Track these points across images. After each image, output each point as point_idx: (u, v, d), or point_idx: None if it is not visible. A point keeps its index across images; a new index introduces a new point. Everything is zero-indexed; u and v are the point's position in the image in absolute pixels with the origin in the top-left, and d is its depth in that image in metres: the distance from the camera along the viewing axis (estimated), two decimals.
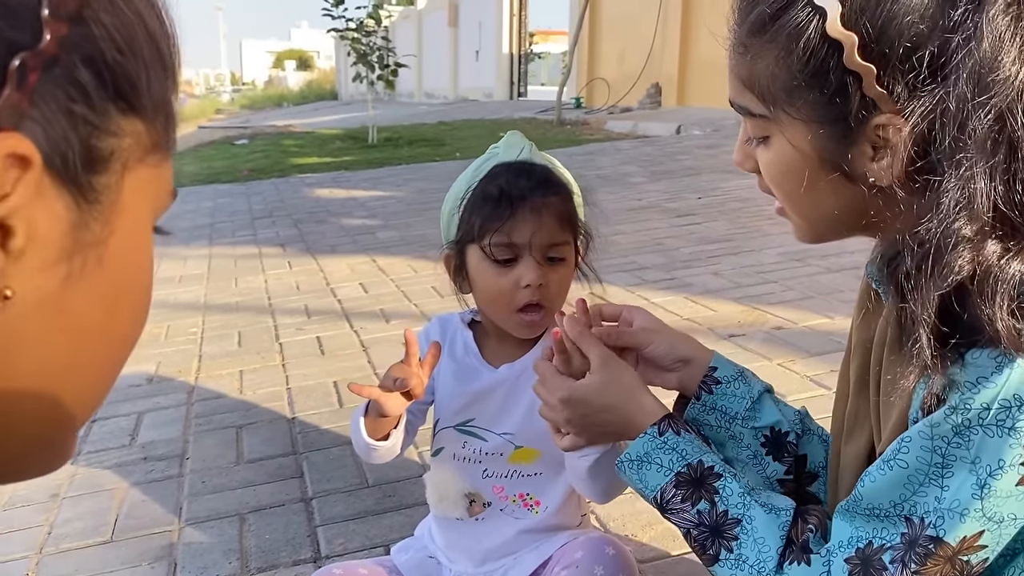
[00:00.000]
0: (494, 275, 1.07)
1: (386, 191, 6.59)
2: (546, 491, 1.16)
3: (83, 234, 0.35)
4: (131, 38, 0.36)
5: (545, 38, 30.52)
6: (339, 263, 4.15)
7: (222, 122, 22.23)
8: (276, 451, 2.08)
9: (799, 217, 0.79)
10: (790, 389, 2.16)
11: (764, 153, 0.76)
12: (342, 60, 24.47)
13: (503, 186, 1.07)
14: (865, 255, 0.87)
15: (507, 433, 1.13)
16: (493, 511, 1.16)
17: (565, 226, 1.09)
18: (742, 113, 0.76)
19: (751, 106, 0.74)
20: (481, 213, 1.07)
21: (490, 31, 20.71)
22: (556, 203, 1.08)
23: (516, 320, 1.08)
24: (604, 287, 1.25)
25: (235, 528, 1.74)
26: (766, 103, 0.72)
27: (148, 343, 3.05)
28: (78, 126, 0.34)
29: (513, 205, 1.05)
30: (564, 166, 1.19)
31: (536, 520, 1.16)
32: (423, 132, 11.64)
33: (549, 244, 1.07)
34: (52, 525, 1.81)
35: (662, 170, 6.44)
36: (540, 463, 1.14)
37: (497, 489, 1.15)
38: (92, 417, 0.39)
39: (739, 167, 0.81)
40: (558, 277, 1.08)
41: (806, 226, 0.79)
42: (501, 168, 1.11)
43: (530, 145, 1.14)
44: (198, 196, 7.04)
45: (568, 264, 1.10)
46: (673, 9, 12.01)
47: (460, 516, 1.17)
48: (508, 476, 1.15)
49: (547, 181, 1.09)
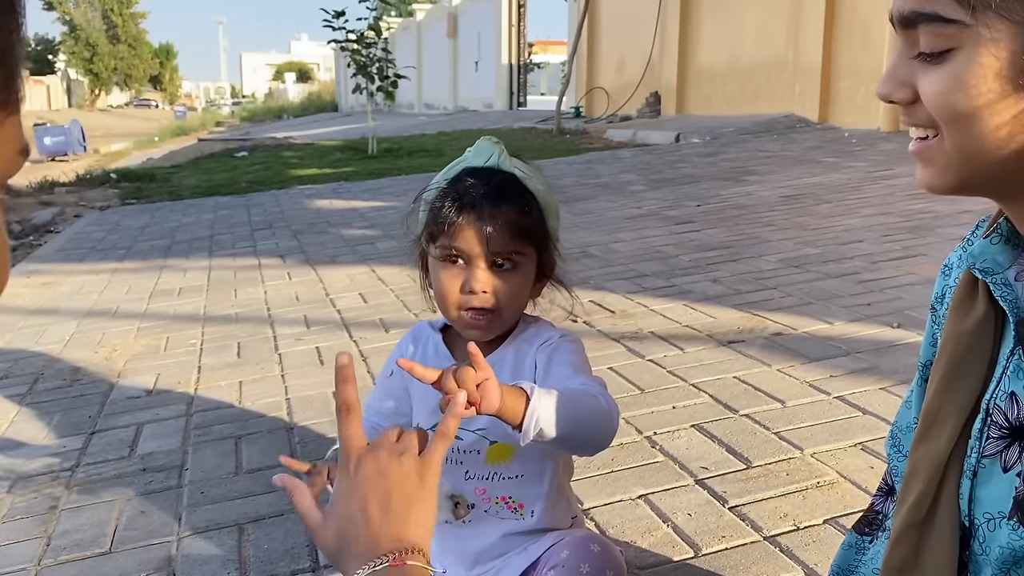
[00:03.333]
0: (445, 275, 1.10)
1: (386, 201, 6.61)
2: (528, 495, 1.16)
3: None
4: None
5: (544, 48, 30.63)
6: (338, 273, 4.15)
7: (222, 134, 22.31)
8: (275, 461, 2.08)
9: (955, 151, 0.67)
10: (790, 395, 2.16)
11: (940, 73, 0.65)
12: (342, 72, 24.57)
13: (458, 191, 1.09)
14: (867, 260, 0.86)
15: (480, 428, 1.13)
16: (478, 513, 1.17)
17: (516, 236, 1.08)
18: (922, 22, 0.65)
19: (944, 10, 0.63)
20: (435, 216, 1.10)
21: (489, 42, 20.79)
22: (508, 212, 1.08)
23: (463, 320, 1.10)
24: (603, 295, 1.24)
25: (234, 538, 1.73)
26: (968, 5, 0.61)
27: (148, 355, 3.05)
28: None
29: (462, 211, 1.07)
30: (563, 175, 1.19)
31: (523, 524, 1.16)
32: (423, 143, 11.68)
33: (496, 252, 1.07)
34: (51, 537, 1.80)
35: (661, 178, 6.45)
36: (518, 463, 1.15)
37: (479, 491, 1.16)
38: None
39: (886, 98, 0.71)
40: (507, 285, 1.09)
41: (956, 165, 0.68)
42: (464, 173, 1.13)
43: (499, 152, 1.14)
44: (198, 208, 7.05)
45: (520, 272, 1.10)
46: (671, 18, 12.05)
47: (448, 519, 1.17)
48: (488, 478, 1.15)
49: (503, 190, 1.09)
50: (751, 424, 2.01)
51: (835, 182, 5.44)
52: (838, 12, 8.67)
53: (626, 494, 1.73)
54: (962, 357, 0.75)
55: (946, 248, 3.47)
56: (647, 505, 1.69)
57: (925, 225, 3.95)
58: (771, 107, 9.81)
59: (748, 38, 10.49)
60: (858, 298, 2.93)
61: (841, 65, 8.62)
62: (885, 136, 7.44)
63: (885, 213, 4.32)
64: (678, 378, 2.35)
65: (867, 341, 2.50)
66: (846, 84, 8.55)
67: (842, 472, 1.75)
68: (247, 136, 18.45)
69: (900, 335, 2.53)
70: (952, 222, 3.90)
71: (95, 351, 3.14)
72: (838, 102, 8.73)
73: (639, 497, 1.72)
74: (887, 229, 3.94)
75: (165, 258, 4.95)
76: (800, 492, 1.69)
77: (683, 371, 2.39)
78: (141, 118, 43.76)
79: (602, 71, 14.94)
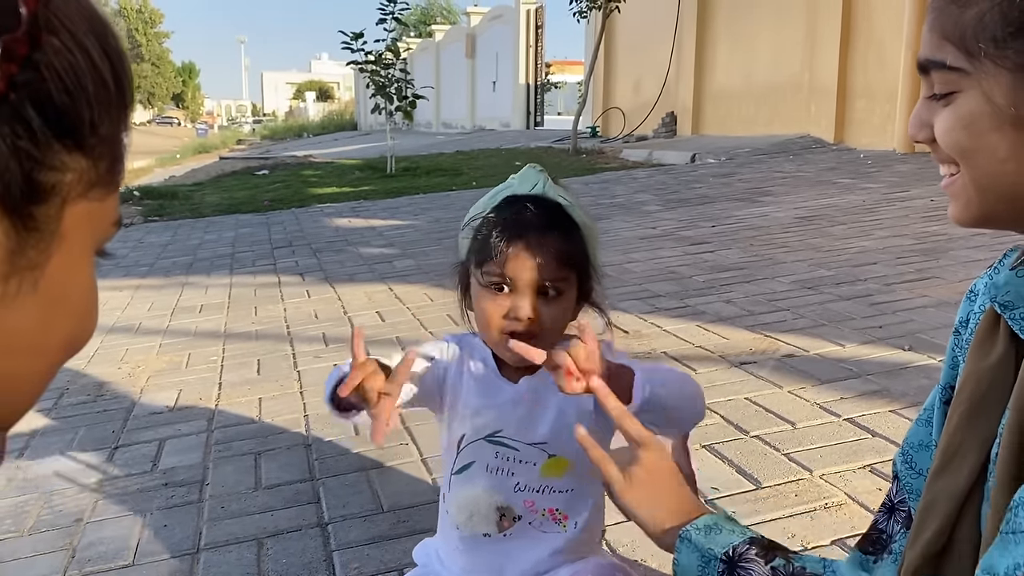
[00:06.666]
0: (488, 301, 1.11)
1: (404, 220, 6.68)
2: (575, 507, 1.17)
3: (19, 259, 0.38)
4: (80, 81, 0.38)
5: (561, 68, 30.77)
6: (356, 291, 4.21)
7: (243, 152, 22.55)
8: (293, 477, 2.12)
9: (973, 186, 0.73)
10: (800, 417, 2.18)
11: (947, 112, 0.72)
12: (361, 91, 24.81)
13: (505, 219, 1.11)
14: (881, 282, 0.89)
15: (539, 443, 1.15)
16: (522, 526, 1.17)
17: (563, 264, 1.10)
18: (933, 68, 0.72)
19: (949, 59, 0.70)
20: (481, 242, 1.12)
21: (507, 62, 20.96)
22: (555, 241, 1.10)
23: (504, 344, 1.10)
24: (617, 315, 1.27)
25: (253, 552, 1.78)
26: (968, 54, 0.69)
27: (170, 371, 3.12)
28: (22, 160, 0.36)
29: (510, 240, 1.08)
30: (579, 195, 1.22)
31: (564, 536, 1.17)
32: (441, 162, 11.78)
33: (542, 280, 1.09)
34: (75, 549, 1.85)
35: (676, 198, 6.49)
36: (570, 477, 1.16)
37: (528, 503, 1.17)
38: (10, 426, 0.42)
39: (914, 138, 0.77)
40: (552, 310, 1.10)
41: (976, 199, 0.73)
42: (510, 200, 1.15)
43: (545, 180, 1.16)
44: (219, 226, 7.16)
45: (564, 298, 1.12)
46: (687, 39, 12.13)
47: (489, 532, 1.17)
48: (540, 491, 1.16)
49: (550, 218, 1.11)
50: (761, 445, 2.04)
51: (850, 203, 5.45)
52: (854, 32, 8.69)
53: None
54: (983, 394, 0.77)
55: (959, 271, 3.48)
56: None
57: (939, 247, 3.95)
58: (786, 128, 9.83)
59: (764, 59, 10.54)
60: (870, 320, 2.95)
61: (857, 85, 8.64)
62: (901, 157, 7.44)
63: (900, 235, 4.33)
64: None
65: (878, 363, 2.52)
66: (862, 104, 8.57)
67: (851, 494, 1.77)
68: (268, 154, 18.66)
69: (911, 357, 2.55)
70: (965, 244, 3.91)
71: (118, 367, 3.20)
72: (853, 123, 8.74)
73: None
74: (901, 251, 3.96)
75: (187, 275, 5.04)
76: (809, 513, 1.71)
77: None
78: (163, 135, 44.35)
79: (618, 91, 15.03)
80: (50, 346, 0.42)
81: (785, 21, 10.02)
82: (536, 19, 20.15)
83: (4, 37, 0.35)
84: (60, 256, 0.40)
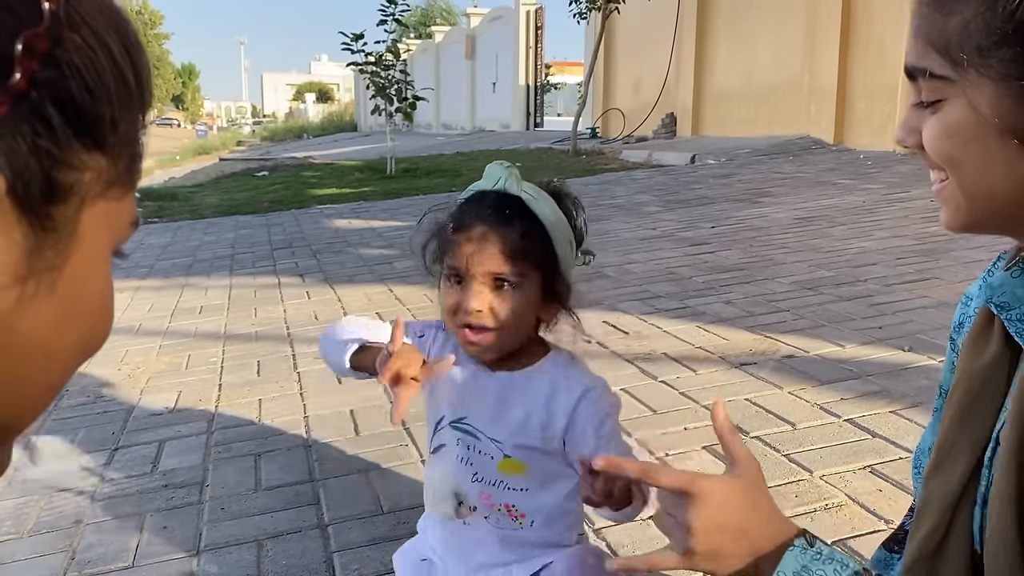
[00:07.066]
0: (447, 293, 1.15)
1: (404, 221, 6.68)
2: (531, 507, 1.19)
3: (37, 260, 0.37)
4: (101, 79, 0.37)
5: (561, 69, 30.82)
6: (356, 292, 4.21)
7: (243, 154, 22.56)
8: (293, 478, 2.12)
9: (961, 193, 0.73)
10: (800, 417, 2.18)
11: (933, 120, 0.72)
12: (361, 92, 24.82)
13: (461, 213, 1.15)
14: (881, 283, 0.89)
15: (496, 440, 1.17)
16: (478, 517, 1.19)
17: (518, 258, 1.11)
18: (918, 75, 0.73)
19: (933, 67, 0.70)
20: (440, 236, 1.17)
21: (507, 63, 20.97)
22: (507, 234, 1.11)
23: (461, 336, 1.14)
24: (617, 315, 1.27)
25: (253, 554, 1.78)
26: (952, 63, 0.69)
27: (170, 373, 3.12)
28: (41, 158, 0.36)
29: (462, 231, 1.12)
30: (578, 196, 1.22)
31: (520, 534, 1.19)
32: (441, 163, 11.79)
33: (494, 272, 1.11)
34: (75, 551, 1.85)
35: (676, 199, 6.49)
36: (527, 479, 1.18)
37: (484, 496, 1.19)
38: (26, 431, 0.41)
39: (901, 144, 0.77)
40: (505, 305, 1.11)
41: (964, 206, 0.74)
42: (473, 196, 1.18)
43: (508, 175, 1.17)
44: (219, 227, 7.16)
45: (520, 293, 1.12)
46: (687, 40, 12.14)
47: (448, 515, 1.21)
48: (496, 484, 1.18)
49: (502, 211, 1.12)
50: (761, 446, 2.04)
51: (850, 204, 5.45)
52: (853, 33, 8.69)
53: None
54: (976, 393, 0.77)
55: (959, 271, 3.48)
56: None
57: (939, 248, 3.96)
58: (786, 129, 9.84)
59: (763, 59, 10.54)
60: (870, 321, 2.95)
61: (857, 85, 8.64)
62: (901, 158, 7.44)
63: (899, 236, 4.33)
64: (690, 400, 2.38)
65: (878, 364, 2.52)
66: (862, 105, 8.57)
67: (851, 495, 1.77)
68: (267, 156, 18.66)
69: (911, 358, 2.55)
70: (966, 245, 3.91)
71: (118, 368, 3.20)
72: (853, 123, 8.74)
73: (650, 518, 1.74)
74: (901, 252, 3.96)
75: (187, 276, 5.04)
76: (809, 514, 1.71)
77: (695, 393, 2.42)
78: (163, 137, 44.31)
79: (618, 92, 15.04)
80: (65, 349, 0.41)
81: (785, 22, 10.02)
82: (536, 20, 20.16)
83: (26, 33, 0.34)
84: (78, 257, 0.39)
